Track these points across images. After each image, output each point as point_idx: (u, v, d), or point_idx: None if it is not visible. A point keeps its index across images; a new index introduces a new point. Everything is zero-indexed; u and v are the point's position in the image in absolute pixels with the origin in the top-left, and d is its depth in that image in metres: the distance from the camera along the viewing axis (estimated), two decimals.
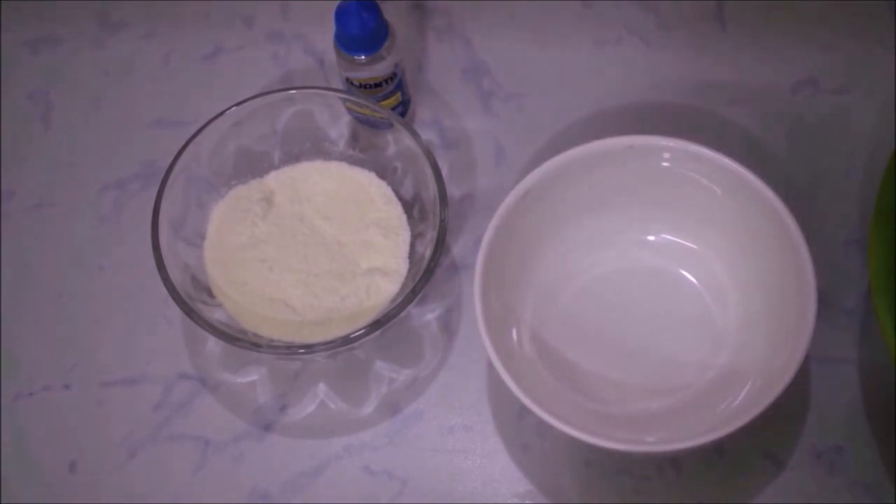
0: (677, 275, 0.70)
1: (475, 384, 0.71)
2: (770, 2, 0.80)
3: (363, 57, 0.71)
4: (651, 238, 0.71)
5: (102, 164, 0.79)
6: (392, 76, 0.73)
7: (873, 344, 0.69)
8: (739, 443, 0.67)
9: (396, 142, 0.72)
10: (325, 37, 0.76)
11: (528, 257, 0.70)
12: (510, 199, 0.67)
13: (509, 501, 0.68)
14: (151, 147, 0.79)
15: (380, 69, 0.72)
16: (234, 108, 0.71)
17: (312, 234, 0.72)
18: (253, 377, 0.72)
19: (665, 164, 0.67)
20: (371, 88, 0.73)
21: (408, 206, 0.73)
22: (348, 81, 0.73)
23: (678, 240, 0.71)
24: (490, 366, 0.64)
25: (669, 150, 0.67)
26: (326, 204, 0.73)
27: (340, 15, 0.69)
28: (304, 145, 0.74)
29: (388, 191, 0.73)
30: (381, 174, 0.74)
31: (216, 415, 0.71)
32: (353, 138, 0.75)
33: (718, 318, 0.69)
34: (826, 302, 0.70)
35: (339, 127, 0.74)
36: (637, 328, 0.69)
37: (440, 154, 0.76)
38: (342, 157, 0.75)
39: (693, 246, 0.70)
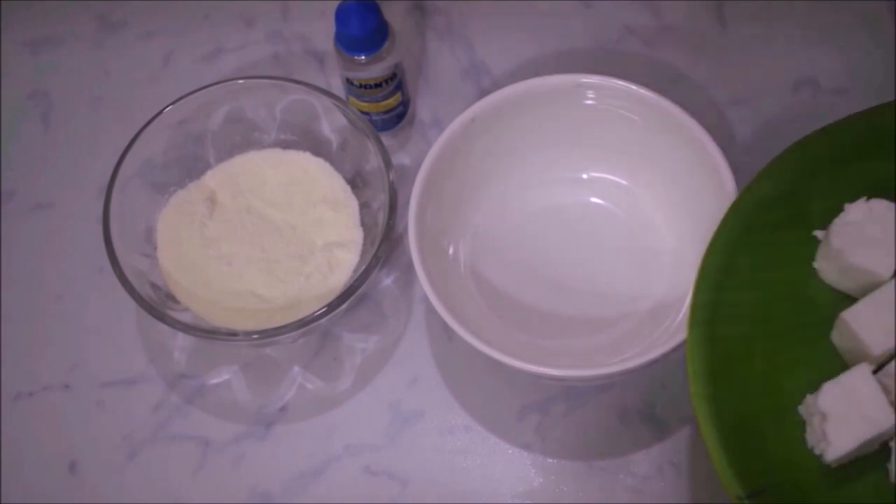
0: (611, 210, 0.73)
1: (475, 384, 0.71)
2: (770, 2, 0.80)
3: (363, 57, 0.71)
4: (584, 176, 0.73)
5: (102, 164, 0.79)
6: (392, 76, 0.73)
7: None
8: None
9: (330, 121, 0.72)
10: (325, 37, 0.76)
11: (465, 193, 0.71)
12: (454, 125, 0.69)
13: (509, 501, 0.68)
14: (151, 147, 0.78)
15: (380, 69, 0.72)
16: (169, 107, 0.71)
17: (263, 223, 0.73)
18: (253, 377, 0.72)
19: (590, 101, 0.70)
20: (371, 88, 0.73)
21: (349, 178, 0.73)
22: (348, 81, 0.73)
23: (610, 177, 0.73)
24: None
25: (594, 88, 0.69)
26: (270, 191, 0.74)
27: (340, 15, 0.69)
28: (235, 139, 0.75)
29: (327, 166, 0.74)
30: (317, 152, 0.74)
31: (216, 415, 0.71)
32: (284, 123, 0.75)
33: (652, 249, 0.71)
34: None
35: (271, 114, 0.74)
36: (574, 264, 0.71)
37: None
38: (275, 144, 0.75)
39: (624, 182, 0.73)
